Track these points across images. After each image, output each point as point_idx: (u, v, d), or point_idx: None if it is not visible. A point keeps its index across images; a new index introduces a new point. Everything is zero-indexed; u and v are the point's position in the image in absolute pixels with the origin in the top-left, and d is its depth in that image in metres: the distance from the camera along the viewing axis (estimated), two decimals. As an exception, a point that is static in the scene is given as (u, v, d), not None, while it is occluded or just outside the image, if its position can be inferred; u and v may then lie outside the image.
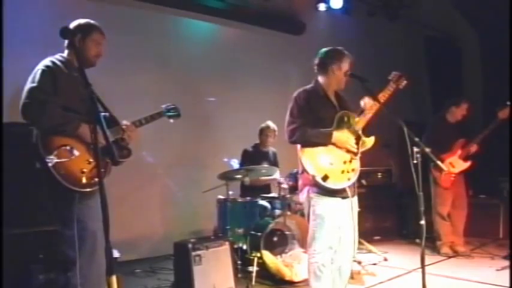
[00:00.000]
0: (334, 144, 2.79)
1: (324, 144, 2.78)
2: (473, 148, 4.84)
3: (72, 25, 2.55)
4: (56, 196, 2.36)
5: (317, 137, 2.78)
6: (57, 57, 2.49)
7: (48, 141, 2.30)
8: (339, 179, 2.76)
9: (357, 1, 6.74)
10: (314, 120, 2.83)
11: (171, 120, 2.99)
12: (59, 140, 2.33)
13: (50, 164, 2.25)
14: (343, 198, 2.82)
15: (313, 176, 2.73)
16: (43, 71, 2.38)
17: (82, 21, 2.60)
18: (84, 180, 2.34)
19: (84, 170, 2.36)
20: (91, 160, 2.39)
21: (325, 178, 2.72)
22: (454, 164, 4.88)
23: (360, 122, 2.83)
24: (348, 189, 2.80)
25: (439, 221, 4.98)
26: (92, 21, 2.63)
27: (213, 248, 3.59)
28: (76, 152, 2.34)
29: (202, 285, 3.43)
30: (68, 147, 2.33)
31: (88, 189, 2.36)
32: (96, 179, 2.31)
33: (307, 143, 2.80)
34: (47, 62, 2.45)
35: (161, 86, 5.40)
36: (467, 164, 4.91)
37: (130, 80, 4.92)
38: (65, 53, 2.55)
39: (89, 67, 2.57)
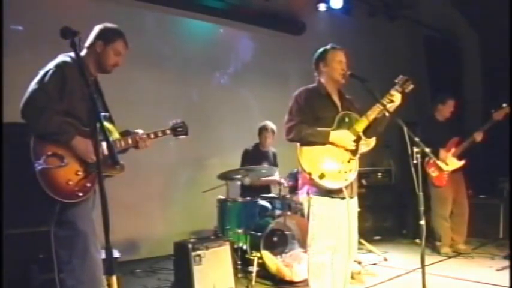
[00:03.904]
0: (332, 143, 2.78)
1: (322, 144, 2.78)
2: (479, 137, 4.81)
3: (97, 27, 2.49)
4: (41, 198, 2.28)
5: (314, 136, 2.77)
6: (71, 55, 2.36)
7: (40, 145, 2.25)
8: (336, 178, 2.76)
9: (357, 1, 6.73)
10: (313, 120, 2.83)
11: (181, 137, 2.84)
12: (50, 146, 2.26)
13: (36, 169, 2.20)
14: (342, 198, 2.81)
15: (310, 174, 2.73)
16: (53, 73, 2.29)
17: (109, 26, 2.51)
18: (67, 192, 2.26)
19: (70, 182, 2.28)
20: (80, 172, 2.32)
21: (321, 177, 2.72)
22: (448, 162, 4.89)
23: (361, 123, 2.82)
24: (344, 190, 2.78)
25: (440, 222, 4.97)
26: (118, 29, 2.53)
27: (213, 248, 3.59)
28: (66, 161, 2.27)
29: (202, 285, 3.43)
30: (58, 155, 2.26)
31: (70, 201, 2.28)
32: (81, 194, 2.29)
33: (304, 141, 2.79)
34: (59, 61, 2.35)
35: (161, 86, 5.42)
36: (461, 162, 4.92)
37: (130, 79, 4.92)
38: (83, 52, 2.46)
39: (102, 73, 2.53)
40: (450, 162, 4.90)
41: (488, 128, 4.76)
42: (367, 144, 2.87)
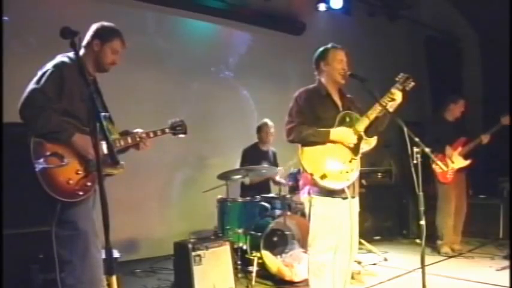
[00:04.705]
0: (333, 142, 2.78)
1: (322, 143, 2.77)
2: (486, 139, 4.84)
3: (94, 26, 2.49)
4: (42, 198, 2.28)
5: (314, 136, 2.77)
6: (70, 56, 2.37)
7: (39, 145, 2.25)
8: (338, 179, 2.75)
9: (357, 1, 6.74)
10: (314, 120, 2.82)
11: (181, 136, 2.86)
12: (50, 146, 2.26)
13: (37, 169, 2.20)
14: (344, 198, 2.81)
15: (312, 175, 2.73)
16: (51, 73, 2.29)
17: (106, 24, 2.51)
18: (68, 191, 2.26)
19: (71, 181, 2.28)
20: (80, 171, 2.32)
21: (323, 177, 2.71)
22: (454, 159, 4.90)
23: (362, 123, 2.81)
24: (346, 190, 2.78)
25: (444, 220, 4.96)
26: (115, 27, 2.52)
27: (213, 248, 3.59)
28: (66, 161, 2.27)
29: (202, 285, 3.43)
30: (58, 155, 2.26)
31: (70, 200, 2.28)
32: (81, 193, 2.29)
33: (304, 142, 2.79)
34: (58, 61, 2.36)
35: (161, 86, 5.42)
36: (467, 162, 4.93)
37: (130, 79, 4.92)
38: (81, 52, 2.45)
39: (101, 72, 2.53)
40: (456, 160, 4.92)
41: (495, 131, 4.78)
42: (369, 144, 2.87)
